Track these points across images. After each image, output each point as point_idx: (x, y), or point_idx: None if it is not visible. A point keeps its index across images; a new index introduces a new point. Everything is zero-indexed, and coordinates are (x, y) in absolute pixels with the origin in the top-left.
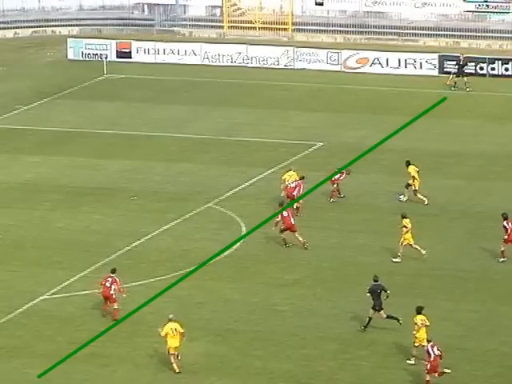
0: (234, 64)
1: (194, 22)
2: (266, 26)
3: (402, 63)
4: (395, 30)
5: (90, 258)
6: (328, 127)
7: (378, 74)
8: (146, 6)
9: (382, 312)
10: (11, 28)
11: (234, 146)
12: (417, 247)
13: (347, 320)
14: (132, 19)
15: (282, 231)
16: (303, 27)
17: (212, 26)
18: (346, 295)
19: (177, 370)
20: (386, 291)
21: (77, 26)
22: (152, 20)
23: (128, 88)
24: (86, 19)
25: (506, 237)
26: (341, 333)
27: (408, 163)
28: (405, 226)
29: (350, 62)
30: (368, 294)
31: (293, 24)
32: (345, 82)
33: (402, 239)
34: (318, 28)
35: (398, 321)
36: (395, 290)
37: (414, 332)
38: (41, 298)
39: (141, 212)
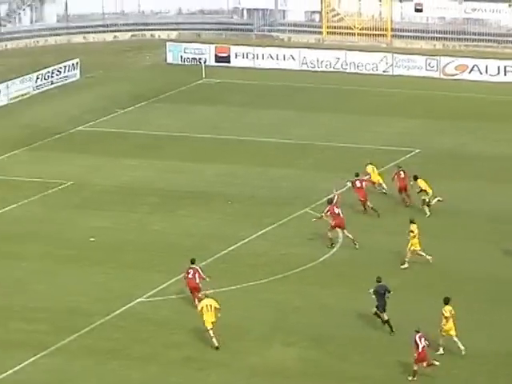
0: (332, 69)
1: (292, 27)
2: (364, 31)
3: (502, 70)
4: (494, 37)
5: (187, 261)
6: (425, 134)
7: (477, 81)
8: (244, 11)
9: (384, 314)
10: (110, 31)
11: (332, 151)
12: (422, 254)
13: None
14: (231, 24)
15: (332, 228)
16: (402, 33)
17: (311, 32)
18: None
19: (216, 345)
20: (389, 292)
21: (176, 30)
22: (251, 25)
23: (226, 92)
24: (185, 23)
25: None
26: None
27: (416, 178)
28: (412, 231)
29: (448, 68)
30: (373, 296)
31: (392, 30)
32: (443, 88)
33: (410, 245)
34: (417, 34)
35: (391, 330)
36: None
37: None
38: (137, 300)
39: (237, 216)
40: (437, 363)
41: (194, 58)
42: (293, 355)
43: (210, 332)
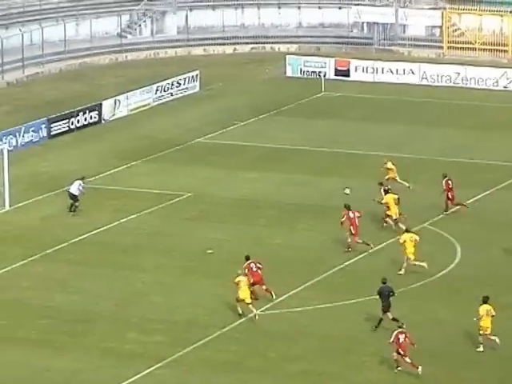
0: (452, 84)
1: (413, 42)
2: (485, 47)
3: None
4: None
5: (304, 274)
6: None
7: None
8: (365, 25)
9: (388, 313)
10: (231, 44)
11: (451, 166)
12: (415, 263)
13: None
14: (351, 37)
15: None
16: None
17: (431, 46)
18: None
19: (256, 314)
20: (393, 293)
21: (295, 43)
22: (371, 39)
23: (345, 106)
24: (305, 36)
25: None
26: None
27: (386, 192)
28: (405, 241)
29: None
30: (377, 296)
31: None
32: None
33: (406, 253)
34: None
35: (402, 324)
36: None
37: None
38: (255, 312)
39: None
40: (419, 371)
41: (314, 72)
42: (409, 370)
43: (250, 306)
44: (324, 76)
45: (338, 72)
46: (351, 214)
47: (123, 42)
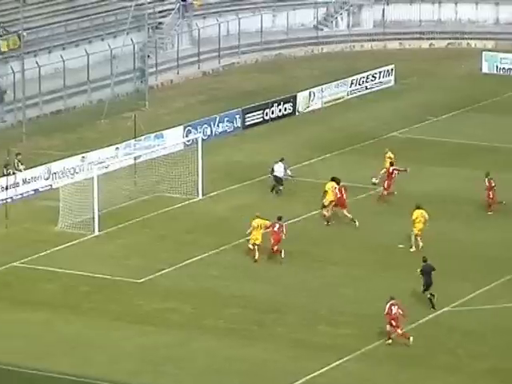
0: None
1: None
2: None
3: None
4: None
5: (495, 272)
6: None
7: None
8: None
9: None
10: (427, 39)
11: None
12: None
13: None
14: None
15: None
16: None
17: None
18: None
19: (256, 258)
20: (433, 270)
21: (492, 39)
22: None
23: None
24: (502, 33)
25: None
26: None
27: (332, 179)
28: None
29: None
30: (420, 275)
31: None
32: None
33: (413, 229)
34: None
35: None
36: None
37: None
38: (444, 309)
39: None
40: (410, 340)
41: (510, 69)
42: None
43: (256, 248)
44: None
45: None
46: (343, 191)
47: (319, 34)
